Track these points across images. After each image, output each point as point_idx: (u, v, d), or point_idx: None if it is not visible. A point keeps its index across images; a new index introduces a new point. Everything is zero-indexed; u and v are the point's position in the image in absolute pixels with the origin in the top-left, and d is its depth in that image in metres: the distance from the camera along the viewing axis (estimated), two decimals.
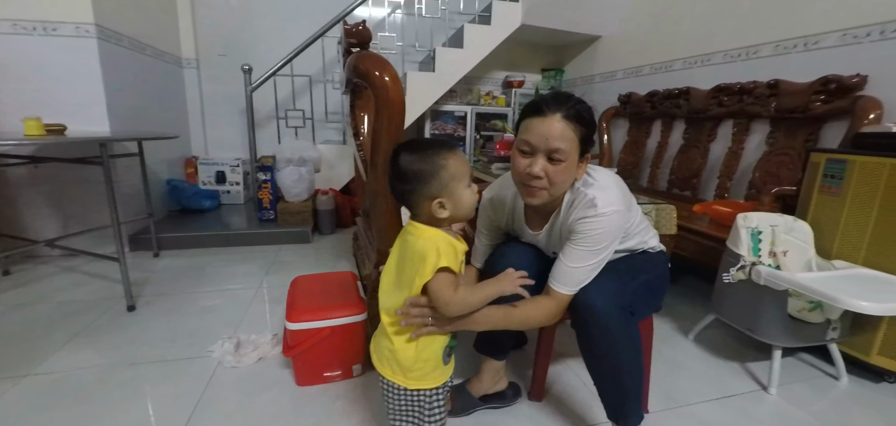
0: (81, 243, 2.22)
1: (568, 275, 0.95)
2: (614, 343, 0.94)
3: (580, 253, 0.94)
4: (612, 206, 0.94)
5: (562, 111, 0.90)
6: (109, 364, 1.44)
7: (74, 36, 2.23)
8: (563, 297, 0.96)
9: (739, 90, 2.20)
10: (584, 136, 0.92)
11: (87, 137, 1.83)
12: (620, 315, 0.93)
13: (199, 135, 3.56)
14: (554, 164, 0.91)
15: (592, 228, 0.93)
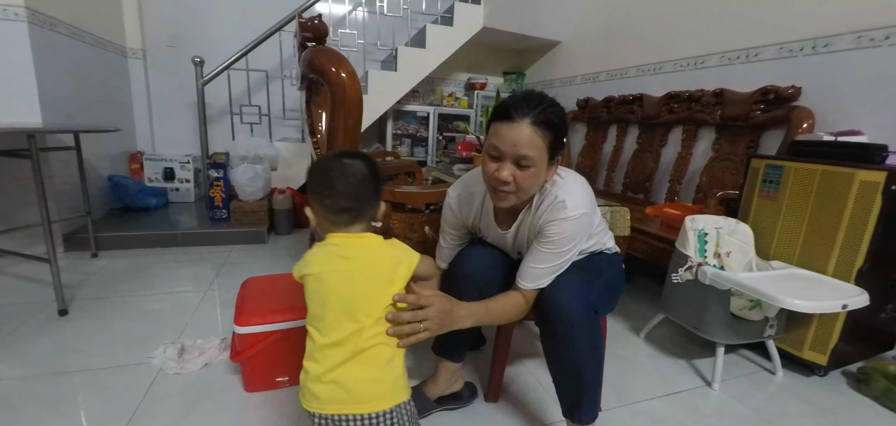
0: (7, 243, 2.04)
1: (534, 274, 0.99)
2: (578, 339, 0.95)
3: (546, 255, 0.97)
4: (579, 209, 0.96)
5: (530, 117, 0.88)
6: (34, 374, 1.32)
7: (1, 19, 2.04)
8: (531, 294, 1.00)
9: (688, 98, 2.31)
10: (552, 141, 0.91)
11: (13, 128, 1.68)
12: (586, 312, 0.95)
13: (145, 129, 3.36)
14: (522, 169, 0.90)
15: (561, 230, 0.95)
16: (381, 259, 0.82)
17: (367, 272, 0.79)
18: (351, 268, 0.79)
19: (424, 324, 0.83)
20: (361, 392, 0.77)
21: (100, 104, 2.80)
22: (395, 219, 1.39)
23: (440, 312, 0.86)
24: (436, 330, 0.86)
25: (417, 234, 1.41)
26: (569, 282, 0.97)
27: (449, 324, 0.89)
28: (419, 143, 4.12)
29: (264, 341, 1.22)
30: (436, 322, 0.85)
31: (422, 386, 1.25)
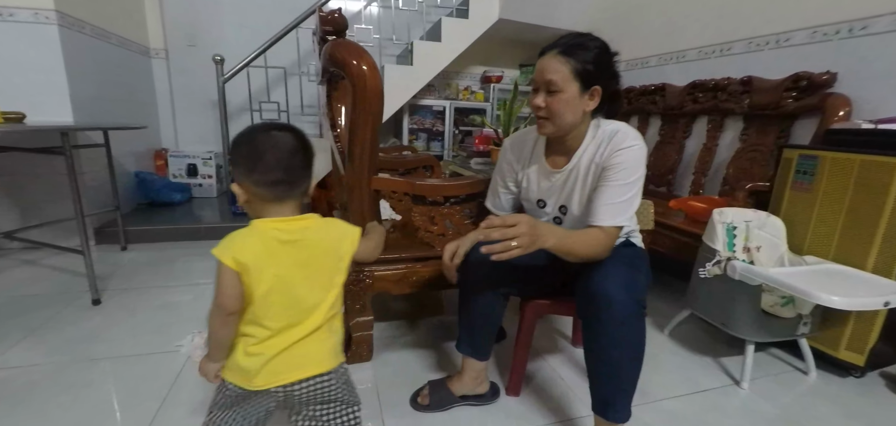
0: (43, 236, 2.11)
1: (611, 210, 0.98)
2: (625, 336, 0.93)
3: (618, 187, 0.98)
4: (638, 139, 1.01)
5: (558, 48, 0.98)
6: (69, 360, 1.37)
7: (33, 22, 2.11)
8: (613, 230, 0.99)
9: (714, 87, 2.24)
10: (579, 69, 0.97)
11: (48, 126, 1.73)
12: (636, 309, 0.93)
13: (169, 127, 3.43)
14: (551, 95, 0.99)
15: (625, 159, 0.98)
16: (328, 238, 0.80)
17: (319, 256, 0.78)
18: (301, 257, 0.76)
19: (516, 240, 0.86)
20: (315, 358, 0.79)
21: (125, 103, 2.87)
22: (415, 212, 1.39)
23: (529, 228, 0.87)
24: (527, 245, 0.87)
25: (438, 227, 1.41)
26: (617, 276, 0.94)
27: (535, 241, 0.89)
28: (435, 138, 4.11)
29: None
30: (527, 237, 0.86)
31: (447, 380, 1.25)
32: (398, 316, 1.77)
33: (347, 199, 1.34)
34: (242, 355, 0.76)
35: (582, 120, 1.03)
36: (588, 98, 1.01)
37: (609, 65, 1.02)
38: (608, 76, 1.02)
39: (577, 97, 0.99)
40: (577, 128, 1.05)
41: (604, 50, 1.01)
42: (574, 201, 1.10)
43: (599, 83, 1.00)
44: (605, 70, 1.01)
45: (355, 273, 1.34)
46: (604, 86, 1.00)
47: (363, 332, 1.39)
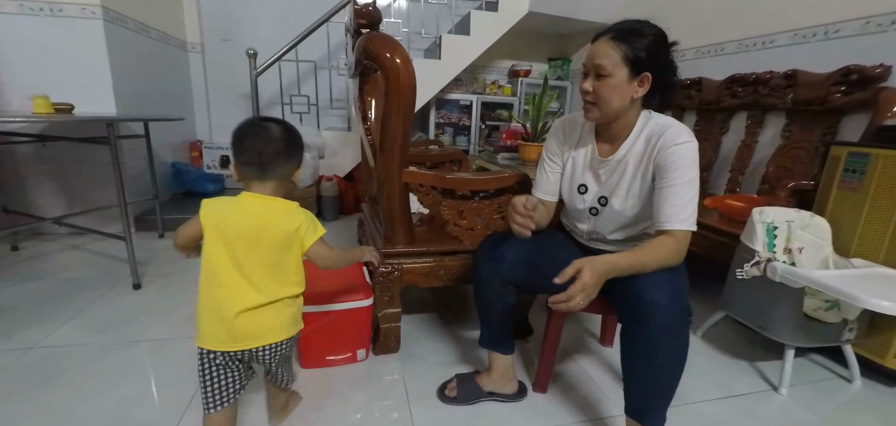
0: (87, 222, 2.22)
1: (679, 212, 0.94)
2: (670, 344, 0.90)
3: (680, 185, 0.95)
4: (692, 135, 0.98)
5: (611, 33, 0.98)
6: (113, 341, 1.45)
7: (80, 17, 2.21)
8: (684, 236, 0.95)
9: (754, 81, 2.15)
10: (629, 55, 0.96)
11: (95, 116, 1.81)
12: (682, 316, 0.90)
13: (203, 119, 3.54)
14: (599, 80, 0.99)
15: (681, 155, 0.95)
16: (277, 222, 0.90)
17: (265, 234, 0.88)
18: (249, 226, 0.87)
19: (582, 296, 0.88)
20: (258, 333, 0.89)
21: (163, 95, 2.97)
22: (444, 206, 1.39)
23: (592, 275, 0.88)
24: (594, 293, 0.89)
25: (467, 222, 1.40)
26: (662, 281, 0.92)
27: (600, 281, 0.90)
28: (461, 132, 4.10)
29: (320, 321, 1.26)
30: (593, 287, 0.89)
31: (475, 375, 1.26)
32: (424, 309, 1.78)
33: (378, 192, 1.36)
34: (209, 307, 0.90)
35: (630, 107, 1.02)
36: (637, 85, 0.99)
37: (663, 53, 0.99)
38: (661, 65, 0.99)
39: (625, 83, 0.98)
40: (626, 115, 1.03)
41: (659, 38, 0.99)
42: (617, 194, 1.08)
43: (650, 71, 0.97)
44: (658, 58, 0.98)
45: (385, 265, 1.35)
46: (655, 74, 0.98)
47: (391, 324, 1.41)
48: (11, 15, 2.14)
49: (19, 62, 2.19)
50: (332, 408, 1.18)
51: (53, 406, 1.14)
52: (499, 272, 1.13)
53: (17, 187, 2.34)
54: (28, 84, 2.15)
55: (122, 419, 1.11)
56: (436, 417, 1.17)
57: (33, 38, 2.18)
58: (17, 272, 1.96)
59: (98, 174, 2.40)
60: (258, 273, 0.88)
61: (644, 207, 1.06)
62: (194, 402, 1.17)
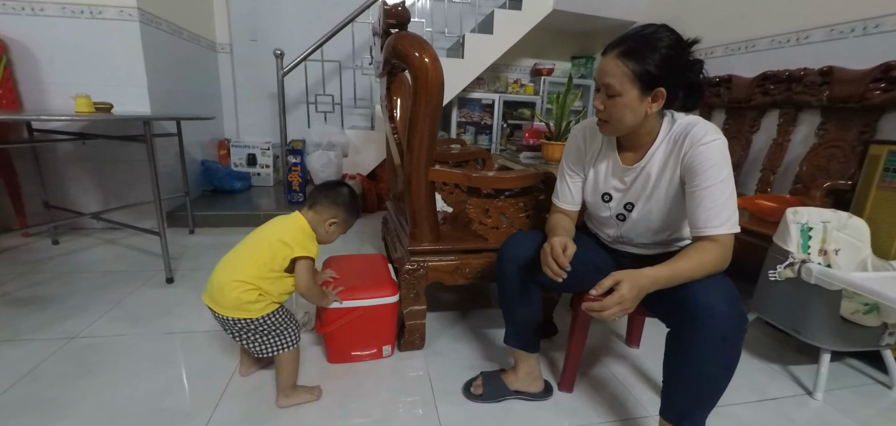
0: (122, 217, 2.31)
1: (719, 214, 0.90)
2: (725, 352, 0.86)
3: (715, 187, 0.90)
4: (719, 133, 0.93)
5: (618, 49, 0.94)
6: (148, 332, 1.50)
7: (118, 19, 2.29)
8: (727, 239, 0.91)
9: (787, 78, 2.09)
10: (638, 72, 0.92)
11: (133, 115, 1.88)
12: (740, 323, 0.85)
13: (231, 118, 3.63)
14: (609, 98, 0.96)
15: (713, 155, 0.90)
16: (273, 232, 1.13)
17: (273, 231, 1.13)
18: (273, 221, 1.18)
19: (619, 307, 0.86)
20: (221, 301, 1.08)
21: (194, 95, 3.06)
22: (470, 204, 1.40)
23: (630, 288, 0.86)
24: (630, 308, 0.87)
25: (492, 220, 1.41)
26: (719, 285, 0.88)
27: (639, 296, 0.88)
28: (483, 131, 4.10)
29: (347, 316, 1.28)
30: (631, 301, 0.86)
31: (501, 373, 1.26)
32: (448, 307, 1.79)
33: (404, 189, 1.37)
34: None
35: (645, 120, 0.98)
36: (650, 101, 0.94)
37: (679, 61, 0.94)
38: (679, 71, 0.94)
39: (636, 101, 0.94)
40: (646, 125, 1.00)
41: (673, 46, 0.92)
42: (641, 200, 1.06)
43: (664, 84, 0.92)
44: (674, 67, 0.92)
45: (411, 262, 1.37)
46: (671, 84, 0.93)
47: (416, 321, 1.42)
48: (54, 17, 2.24)
49: (60, 63, 2.29)
50: (357, 403, 1.21)
51: (94, 393, 1.19)
52: (525, 271, 1.12)
53: (58, 184, 2.45)
54: (68, 83, 2.26)
55: (159, 407, 1.15)
56: (462, 414, 1.18)
57: (74, 40, 2.28)
58: (57, 265, 2.05)
59: (133, 171, 2.49)
60: (246, 255, 1.11)
61: (671, 211, 1.03)
62: (227, 393, 1.21)
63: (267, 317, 1.10)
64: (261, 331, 1.11)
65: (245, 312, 1.08)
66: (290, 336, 1.14)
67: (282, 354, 1.13)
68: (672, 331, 0.95)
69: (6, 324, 1.50)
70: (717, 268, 0.91)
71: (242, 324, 1.09)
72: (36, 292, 1.76)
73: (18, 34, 2.22)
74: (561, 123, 2.35)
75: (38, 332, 1.46)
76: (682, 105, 1.01)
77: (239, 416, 1.13)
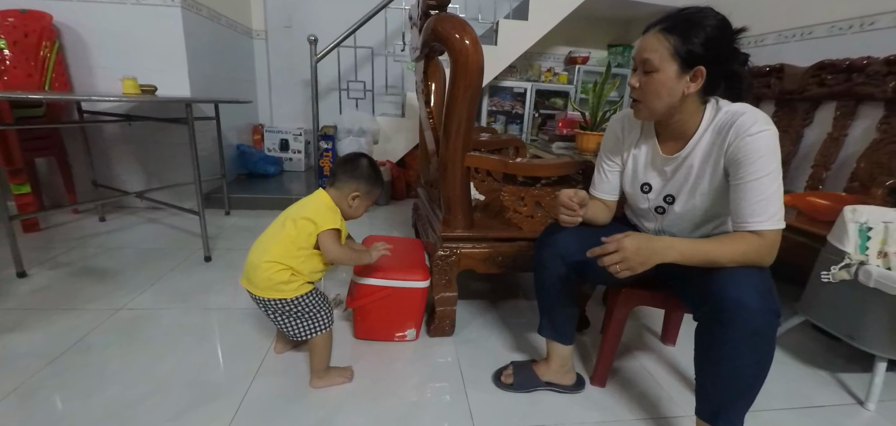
0: (163, 197, 2.40)
1: (766, 208, 0.85)
2: (757, 346, 0.82)
3: (763, 180, 0.85)
4: (770, 123, 0.87)
5: (661, 24, 0.91)
6: (188, 307, 1.56)
7: (162, 5, 2.37)
8: (772, 234, 0.85)
9: (848, 68, 1.95)
10: (679, 48, 0.88)
11: (176, 98, 1.95)
12: (772, 318, 0.81)
13: (265, 104, 3.70)
14: (646, 75, 0.93)
15: (762, 146, 0.85)
16: (298, 210, 1.13)
17: (300, 210, 1.13)
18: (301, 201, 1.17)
19: (621, 264, 0.86)
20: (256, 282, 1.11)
21: (230, 80, 3.13)
22: (505, 192, 1.38)
23: (635, 249, 0.86)
24: (636, 266, 0.86)
25: (527, 208, 1.38)
26: (751, 278, 0.83)
27: (649, 258, 0.86)
28: (513, 121, 4.04)
29: (378, 294, 1.29)
30: (633, 259, 0.86)
31: (532, 364, 1.24)
32: (477, 295, 1.78)
33: (439, 175, 1.36)
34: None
35: (682, 103, 0.93)
36: (688, 80, 0.90)
37: (724, 44, 0.89)
38: (722, 57, 0.90)
39: (673, 79, 0.90)
40: (683, 111, 0.95)
41: (719, 27, 0.88)
42: (683, 192, 1.01)
43: (705, 64, 0.88)
44: (717, 49, 0.88)
45: (443, 248, 1.36)
46: (712, 67, 0.89)
47: (446, 308, 1.42)
48: (103, 4, 2.33)
49: (108, 48, 2.39)
50: (387, 385, 1.22)
51: (139, 362, 1.24)
52: (562, 259, 1.10)
53: (105, 164, 2.56)
54: (115, 67, 2.35)
55: (200, 379, 1.19)
56: (492, 402, 1.17)
57: (121, 26, 2.37)
58: (104, 241, 2.15)
59: (173, 153, 2.58)
60: (274, 235, 1.12)
61: (715, 203, 0.98)
62: (262, 370, 1.24)
63: (301, 298, 1.12)
64: (295, 312, 1.12)
65: (279, 292, 1.10)
66: (323, 319, 1.16)
67: (315, 337, 1.15)
68: (700, 325, 0.91)
69: (59, 295, 1.59)
70: (754, 260, 0.86)
71: (277, 305, 1.11)
72: (85, 266, 1.85)
73: (71, 21, 2.32)
74: (597, 113, 2.28)
75: (88, 303, 1.53)
76: (724, 97, 0.96)
77: (274, 392, 1.15)
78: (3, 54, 2.09)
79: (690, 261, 0.87)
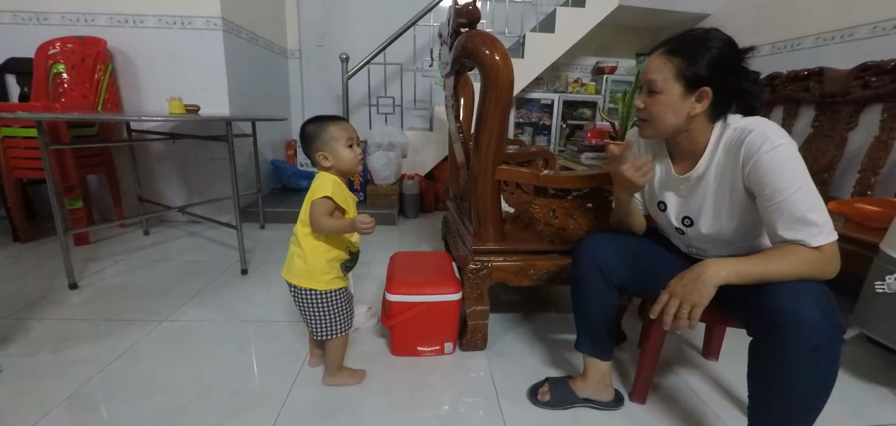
0: (202, 212, 2.50)
1: (806, 220, 0.81)
2: (818, 364, 0.77)
3: (795, 197, 0.81)
4: (784, 135, 0.84)
5: (665, 46, 0.93)
6: (225, 318, 1.61)
7: (205, 28, 2.50)
8: (828, 246, 0.81)
9: (893, 68, 1.86)
10: (683, 70, 0.89)
11: (218, 116, 2.04)
12: (835, 334, 0.77)
13: (299, 119, 3.81)
14: (651, 96, 0.94)
15: (780, 161, 0.82)
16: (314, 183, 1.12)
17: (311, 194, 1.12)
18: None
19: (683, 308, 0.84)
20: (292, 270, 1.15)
21: (266, 98, 3.26)
22: (537, 204, 1.37)
23: (682, 287, 0.86)
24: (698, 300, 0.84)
25: (559, 220, 1.37)
26: (810, 291, 0.79)
27: (700, 291, 0.83)
28: (541, 132, 4.02)
29: (411, 310, 1.31)
30: (691, 298, 0.84)
31: (569, 380, 1.22)
32: (509, 308, 1.77)
33: (470, 188, 1.37)
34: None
35: (689, 123, 0.93)
36: (694, 101, 0.91)
37: (730, 64, 0.89)
38: (730, 75, 0.90)
39: (678, 100, 0.91)
40: (691, 131, 0.95)
41: (725, 47, 0.88)
42: (704, 215, 0.99)
43: (711, 84, 0.88)
44: (723, 69, 0.89)
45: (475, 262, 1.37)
46: (718, 87, 0.89)
47: (478, 321, 1.41)
48: (152, 29, 2.48)
49: (155, 69, 2.54)
50: (421, 397, 1.22)
51: (185, 370, 1.29)
52: (602, 273, 1.09)
53: (149, 179, 2.70)
54: (161, 88, 2.49)
55: (241, 387, 1.23)
56: (528, 417, 1.16)
57: (167, 48, 2.51)
58: (148, 254, 2.25)
59: (212, 169, 2.70)
60: (300, 220, 1.13)
61: (743, 223, 0.95)
62: (300, 379, 1.27)
63: (331, 293, 1.15)
64: (321, 306, 1.15)
65: (312, 281, 1.13)
66: (343, 323, 1.19)
67: (333, 339, 1.19)
68: (755, 341, 0.86)
69: (108, 306, 1.67)
70: (818, 276, 0.82)
71: (306, 295, 1.14)
72: (132, 278, 1.95)
73: (122, 45, 2.48)
74: (627, 122, 2.25)
75: (135, 314, 1.61)
76: (739, 112, 0.95)
77: (310, 403, 1.18)
78: (62, 78, 2.25)
79: (745, 279, 0.83)
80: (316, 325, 1.18)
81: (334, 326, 1.18)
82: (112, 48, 2.45)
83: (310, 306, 1.16)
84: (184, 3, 2.45)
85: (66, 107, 2.23)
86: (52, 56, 2.27)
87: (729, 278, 0.84)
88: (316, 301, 1.15)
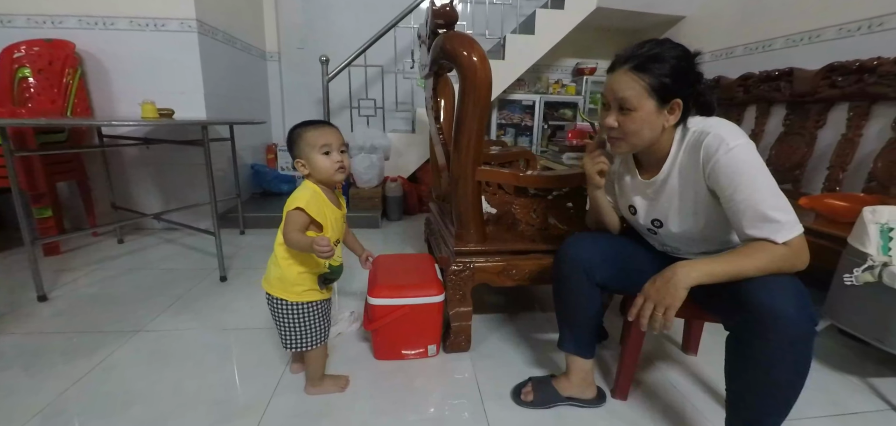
0: (179, 218, 2.44)
1: (771, 221, 0.83)
2: (794, 357, 0.80)
3: (755, 196, 0.83)
4: (741, 135, 0.87)
5: (629, 63, 0.91)
6: (204, 327, 1.58)
7: (180, 31, 2.44)
8: (795, 240, 0.83)
9: (859, 68, 1.93)
10: (655, 85, 0.90)
11: (192, 120, 1.99)
12: (810, 327, 0.79)
13: (279, 123, 3.77)
14: (624, 114, 0.94)
15: (738, 161, 0.84)
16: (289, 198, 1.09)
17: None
18: None
19: (657, 310, 0.86)
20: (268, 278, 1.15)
21: (245, 101, 3.20)
22: (517, 205, 1.38)
23: (655, 290, 0.88)
24: (671, 302, 0.85)
25: (539, 220, 1.38)
26: (786, 286, 0.81)
27: (672, 293, 0.85)
28: (523, 133, 4.06)
29: (394, 313, 1.30)
30: (664, 300, 0.86)
31: (552, 379, 1.23)
32: (492, 309, 1.77)
33: (451, 189, 1.37)
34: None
35: (663, 134, 0.96)
36: (667, 113, 0.93)
37: (689, 72, 0.92)
38: (690, 82, 0.93)
39: (653, 114, 0.92)
40: (662, 138, 0.97)
41: (682, 57, 0.91)
42: (672, 216, 1.02)
43: (680, 95, 0.91)
44: (686, 78, 0.91)
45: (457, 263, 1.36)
46: (685, 96, 0.92)
47: (462, 323, 1.41)
48: (123, 31, 2.41)
49: (127, 73, 2.46)
50: (406, 401, 1.21)
51: (162, 382, 1.26)
52: (586, 272, 1.09)
53: (123, 186, 2.62)
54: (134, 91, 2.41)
55: (221, 397, 1.20)
56: (512, 418, 1.16)
57: (139, 51, 2.45)
58: (123, 262, 2.19)
59: (189, 174, 2.63)
60: (280, 229, 1.10)
61: (710, 222, 0.97)
62: (281, 387, 1.24)
63: (302, 305, 1.12)
64: (291, 318, 1.13)
65: (284, 291, 1.11)
66: (314, 336, 1.16)
67: (310, 351, 1.17)
68: (732, 335, 0.89)
69: (81, 317, 1.62)
70: (787, 269, 0.84)
71: (277, 305, 1.12)
72: (105, 288, 1.88)
73: (93, 48, 2.40)
74: None
75: (109, 324, 1.56)
76: (698, 113, 0.99)
77: (293, 411, 1.15)
78: (29, 82, 2.17)
79: (717, 278, 0.85)
80: (286, 336, 1.15)
81: (305, 339, 1.15)
82: (81, 51, 2.37)
83: (280, 316, 1.14)
84: (157, 4, 2.39)
85: (32, 112, 2.15)
86: (17, 59, 2.19)
87: (700, 279, 0.85)
88: (286, 311, 1.13)
